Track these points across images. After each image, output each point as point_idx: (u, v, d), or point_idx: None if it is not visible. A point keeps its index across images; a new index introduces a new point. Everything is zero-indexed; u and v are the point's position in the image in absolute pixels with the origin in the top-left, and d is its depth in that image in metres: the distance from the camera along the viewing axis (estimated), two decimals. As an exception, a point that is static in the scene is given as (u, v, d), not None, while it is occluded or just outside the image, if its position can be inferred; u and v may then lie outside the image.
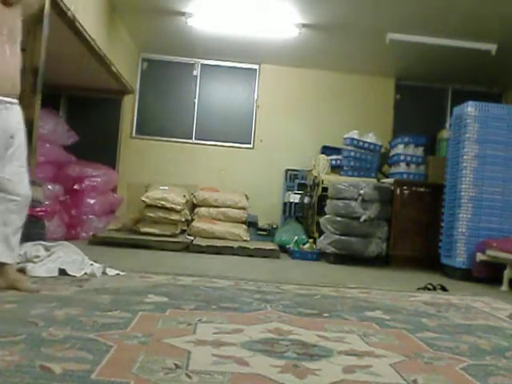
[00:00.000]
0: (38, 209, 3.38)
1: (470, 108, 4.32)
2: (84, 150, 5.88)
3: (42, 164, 4.89)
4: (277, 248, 5.17)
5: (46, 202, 4.19)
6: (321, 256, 5.07)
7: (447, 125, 6.39)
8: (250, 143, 6.81)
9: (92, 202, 5.63)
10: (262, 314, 2.19)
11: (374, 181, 5.49)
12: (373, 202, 4.88)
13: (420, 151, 5.55)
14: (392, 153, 5.79)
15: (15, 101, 2.32)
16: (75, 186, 5.52)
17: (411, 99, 6.84)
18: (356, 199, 4.86)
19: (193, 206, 6.09)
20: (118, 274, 2.96)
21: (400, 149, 5.56)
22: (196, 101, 6.79)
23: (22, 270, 2.74)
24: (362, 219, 4.80)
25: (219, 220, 5.88)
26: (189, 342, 1.64)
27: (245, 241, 5.53)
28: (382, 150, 6.04)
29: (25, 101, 3.45)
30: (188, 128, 6.75)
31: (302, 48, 5.99)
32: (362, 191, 4.87)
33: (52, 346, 1.48)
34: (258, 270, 3.96)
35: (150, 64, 6.81)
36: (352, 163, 5.78)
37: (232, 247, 5.01)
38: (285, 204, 6.45)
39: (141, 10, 5.23)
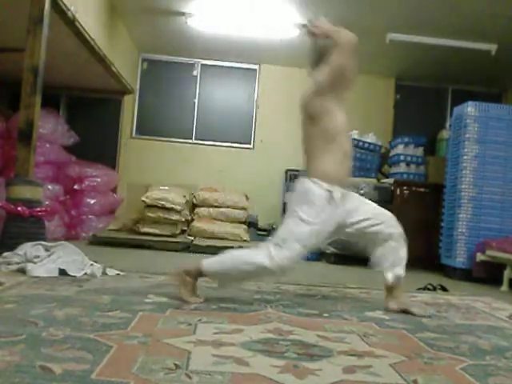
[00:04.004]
0: (38, 209, 3.38)
1: (469, 108, 4.32)
2: (84, 150, 5.89)
3: (41, 164, 4.90)
4: (277, 248, 5.16)
5: (46, 202, 4.19)
6: (321, 256, 5.07)
7: (447, 125, 6.39)
8: (250, 143, 6.81)
9: (92, 202, 5.63)
10: (262, 314, 2.19)
11: (374, 181, 5.49)
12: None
13: (420, 151, 5.55)
14: (392, 153, 5.79)
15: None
16: (75, 186, 5.52)
17: (411, 99, 6.84)
18: (356, 199, 4.86)
19: (193, 206, 6.09)
20: (118, 274, 2.96)
21: (400, 149, 5.56)
22: (196, 101, 6.79)
23: (22, 270, 2.75)
24: (361, 219, 4.79)
25: (219, 220, 5.88)
26: (189, 342, 1.64)
27: (245, 241, 5.54)
28: (382, 150, 6.03)
29: (25, 101, 3.48)
30: (188, 128, 6.75)
31: (301, 48, 5.98)
32: (361, 191, 4.86)
33: (52, 346, 1.48)
34: (258, 270, 3.95)
35: (150, 64, 6.81)
36: (352, 163, 5.77)
37: (232, 247, 5.00)
38: (285, 204, 6.44)
39: (141, 10, 5.23)
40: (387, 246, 2.46)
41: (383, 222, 2.47)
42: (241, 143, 6.79)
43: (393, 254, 2.47)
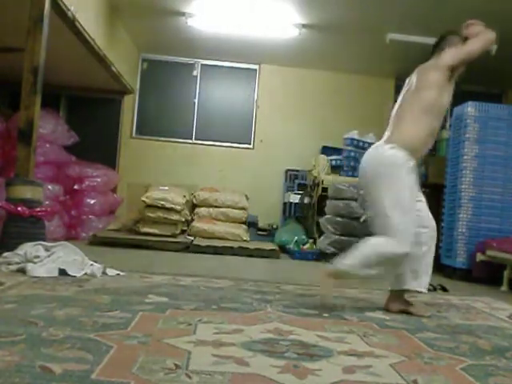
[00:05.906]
0: (38, 209, 3.37)
1: (469, 108, 4.32)
2: (84, 150, 5.89)
3: (42, 164, 4.89)
4: (277, 248, 5.17)
5: (46, 202, 4.18)
6: (321, 256, 5.07)
7: (447, 125, 6.38)
8: (249, 143, 6.81)
9: (92, 202, 5.63)
10: (262, 314, 2.19)
11: (374, 181, 5.48)
12: (373, 202, 4.88)
13: (420, 151, 5.55)
14: (392, 153, 5.78)
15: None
16: (75, 186, 5.52)
17: (411, 99, 6.82)
18: (356, 199, 4.86)
19: (193, 206, 6.09)
20: (118, 275, 2.96)
21: (400, 149, 5.56)
22: (196, 101, 6.79)
23: (22, 270, 2.75)
24: (361, 219, 4.79)
25: (219, 220, 5.87)
26: (189, 342, 1.64)
27: (245, 241, 5.53)
28: (382, 150, 6.03)
29: (25, 101, 3.48)
30: (188, 128, 6.75)
31: (301, 48, 5.99)
32: (362, 191, 4.86)
33: (52, 346, 1.48)
34: (258, 270, 3.95)
35: (150, 64, 6.81)
36: (352, 163, 5.78)
37: (232, 247, 5.01)
38: (285, 204, 6.45)
39: (141, 10, 5.23)
40: (417, 251, 2.46)
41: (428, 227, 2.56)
42: (241, 143, 6.79)
43: (420, 260, 2.49)
